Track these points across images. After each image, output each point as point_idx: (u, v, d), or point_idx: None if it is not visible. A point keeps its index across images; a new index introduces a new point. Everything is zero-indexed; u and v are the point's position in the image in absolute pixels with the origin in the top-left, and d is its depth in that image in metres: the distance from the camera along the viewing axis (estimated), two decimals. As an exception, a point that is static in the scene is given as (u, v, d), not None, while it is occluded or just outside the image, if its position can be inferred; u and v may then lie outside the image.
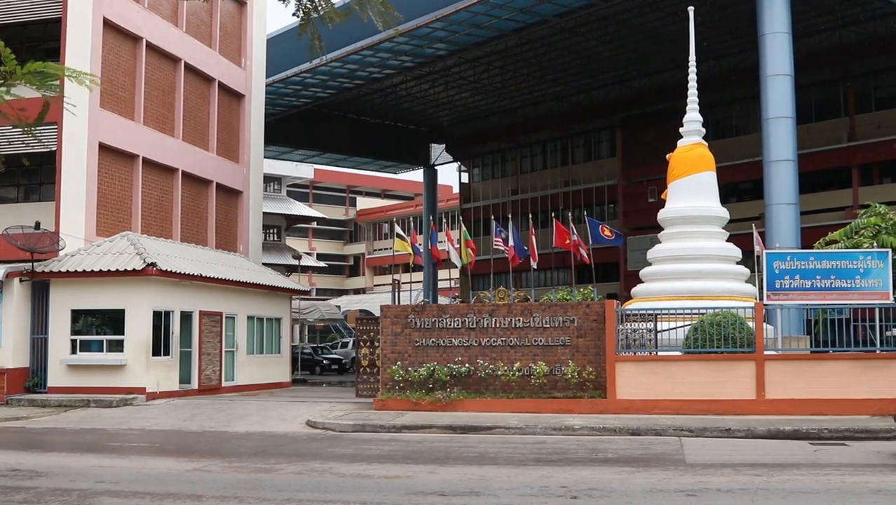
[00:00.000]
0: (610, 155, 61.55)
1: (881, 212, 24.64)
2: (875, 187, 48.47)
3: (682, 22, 33.05)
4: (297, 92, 53.04)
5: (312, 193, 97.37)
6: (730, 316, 23.69)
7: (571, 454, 17.63)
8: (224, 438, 21.16)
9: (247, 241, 40.89)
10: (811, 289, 23.38)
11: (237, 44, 40.95)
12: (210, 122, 38.54)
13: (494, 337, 25.28)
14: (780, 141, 34.13)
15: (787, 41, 34.42)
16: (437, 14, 40.95)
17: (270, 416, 25.35)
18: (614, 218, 58.43)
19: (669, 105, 46.05)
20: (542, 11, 41.10)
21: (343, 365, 51.21)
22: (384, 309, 26.70)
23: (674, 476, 14.75)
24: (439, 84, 55.18)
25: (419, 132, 67.14)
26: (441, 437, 20.87)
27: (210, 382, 32.36)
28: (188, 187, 36.67)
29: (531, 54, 49.46)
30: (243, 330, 34.78)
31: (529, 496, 12.93)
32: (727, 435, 20.24)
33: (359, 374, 29.17)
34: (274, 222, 70.34)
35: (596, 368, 24.31)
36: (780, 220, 33.63)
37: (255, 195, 41.79)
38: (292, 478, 14.83)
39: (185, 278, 30.75)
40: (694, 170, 29.67)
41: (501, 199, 66.30)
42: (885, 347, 23.75)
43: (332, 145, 64.87)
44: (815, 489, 13.34)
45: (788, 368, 23.33)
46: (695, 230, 29.06)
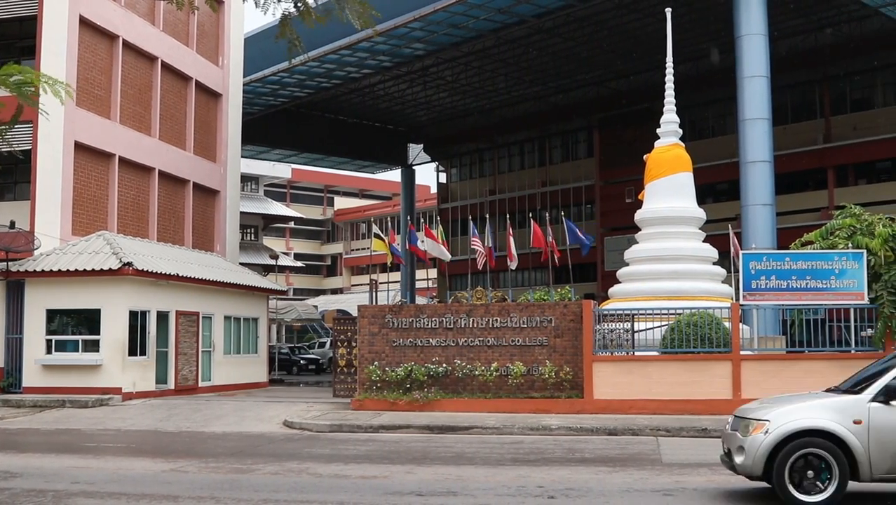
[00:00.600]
0: (587, 155, 61.70)
1: (856, 213, 24.74)
2: (850, 188, 48.80)
3: (659, 23, 33.16)
4: (275, 91, 52.90)
5: (290, 193, 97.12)
6: (706, 316, 23.78)
7: (548, 454, 17.65)
8: (200, 439, 21.07)
9: (224, 241, 40.76)
10: (787, 289, 23.48)
11: (215, 43, 40.81)
12: (187, 122, 38.39)
13: (472, 337, 25.28)
14: (757, 142, 34.30)
15: (763, 43, 34.60)
16: (415, 14, 40.92)
17: (247, 416, 25.27)
18: (591, 218, 58.59)
19: (647, 106, 46.21)
20: (520, 12, 41.15)
21: (320, 365, 51.11)
22: (361, 309, 26.66)
23: (650, 476, 14.79)
24: (417, 84, 55.15)
25: (397, 132, 67.07)
26: (418, 437, 20.86)
27: (186, 383, 32.23)
28: (165, 187, 36.51)
29: (509, 55, 49.50)
30: (220, 330, 34.66)
31: (506, 496, 12.93)
32: (704, 435, 20.30)
33: (336, 374, 29.12)
34: (251, 222, 70.10)
35: (573, 368, 24.35)
36: (757, 221, 33.80)
37: (232, 195, 41.66)
38: (269, 478, 14.78)
39: (162, 278, 30.61)
40: (671, 171, 29.78)
41: (479, 199, 66.34)
42: (860, 347, 23.89)
43: (310, 145, 64.76)
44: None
45: (764, 368, 23.45)
46: (672, 231, 29.16)
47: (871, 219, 24.17)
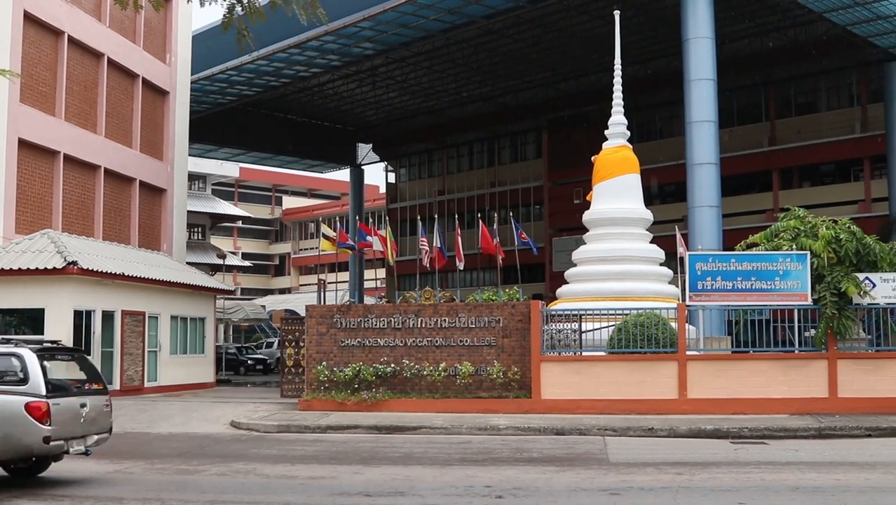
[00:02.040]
0: (536, 156, 61.98)
1: (800, 215, 25.07)
2: (795, 191, 49.52)
3: (608, 25, 33.41)
4: (223, 89, 52.54)
5: (238, 192, 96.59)
6: (653, 317, 23.97)
7: (496, 454, 17.69)
8: (146, 440, 20.88)
9: (170, 240, 40.38)
10: (732, 290, 23.71)
11: (162, 40, 40.42)
12: (134, 119, 37.98)
13: (420, 337, 25.27)
14: (703, 144, 34.66)
15: (710, 46, 34.96)
16: (364, 13, 40.84)
17: (194, 417, 25.07)
18: (540, 219, 58.88)
19: (595, 107, 46.55)
20: (470, 13, 41.21)
21: (268, 365, 50.80)
22: (309, 309, 26.55)
23: (597, 475, 14.88)
24: (367, 84, 55.06)
25: (346, 131, 66.92)
26: (366, 437, 20.82)
27: (132, 383, 31.87)
28: (111, 185, 36.09)
29: (459, 55, 49.57)
30: (166, 330, 34.31)
31: (455, 496, 12.95)
32: (650, 434, 20.48)
33: (283, 374, 28.98)
34: (198, 221, 69.61)
35: (521, 369, 24.42)
36: (703, 223, 34.15)
37: (179, 193, 41.29)
38: (216, 479, 14.69)
39: (107, 277, 30.25)
40: (618, 172, 29.99)
41: (428, 199, 66.38)
42: (803, 348, 24.22)
43: (258, 144, 64.43)
44: (736, 487, 13.56)
45: (710, 369, 23.68)
46: (619, 232, 29.37)
47: (814, 221, 24.52)
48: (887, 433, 20.08)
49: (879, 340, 24.09)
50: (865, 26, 41.62)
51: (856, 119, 48.59)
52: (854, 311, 23.43)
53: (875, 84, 47.93)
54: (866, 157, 47.95)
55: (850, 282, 22.90)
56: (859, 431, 20.14)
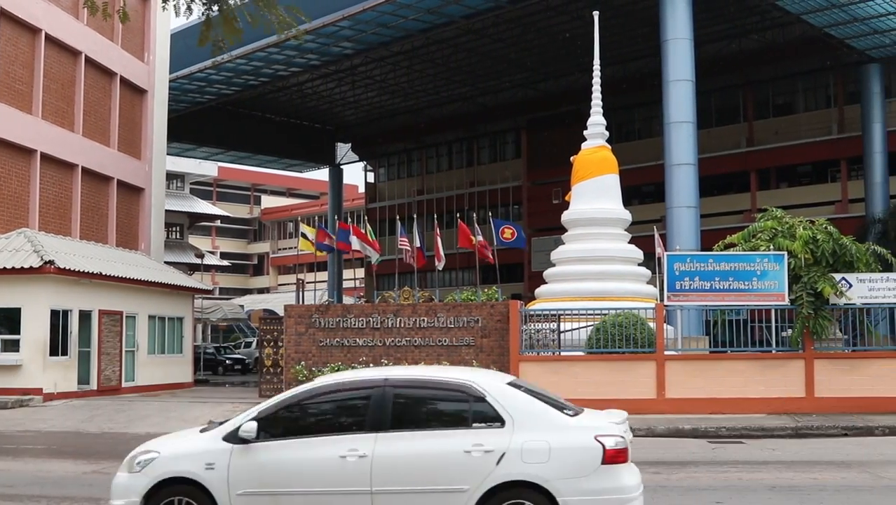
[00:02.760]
0: (515, 156, 62.05)
1: (777, 216, 25.19)
2: (772, 191, 49.78)
3: (587, 26, 33.47)
4: (202, 88, 52.37)
5: (216, 191, 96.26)
6: (631, 317, 24.02)
7: (475, 454, 17.65)
8: (124, 440, 20.74)
9: (148, 240, 40.22)
10: (710, 290, 23.80)
11: (140, 38, 40.24)
12: (111, 118, 37.79)
13: (399, 337, 25.27)
14: (682, 145, 34.80)
15: (688, 47, 35.09)
16: (343, 13, 40.79)
17: (171, 416, 24.95)
18: (519, 219, 58.85)
19: (574, 108, 46.63)
20: (449, 12, 41.23)
21: (246, 365, 50.65)
22: (288, 308, 26.52)
23: (576, 475, 14.86)
24: (346, 83, 54.98)
25: (325, 131, 66.84)
26: (345, 437, 20.73)
27: (110, 383, 31.73)
28: (88, 184, 35.91)
29: (438, 55, 49.58)
30: (144, 329, 34.19)
31: (433, 496, 12.92)
32: (628, 434, 20.50)
33: (262, 374, 28.94)
34: (176, 220, 69.28)
35: (500, 368, 24.40)
36: (681, 223, 34.29)
37: (157, 192, 41.13)
38: (194, 479, 14.60)
39: (85, 277, 30.11)
40: (597, 172, 30.04)
41: (407, 199, 66.33)
42: (780, 348, 24.33)
43: (237, 143, 64.25)
44: (713, 486, 13.61)
45: (688, 368, 23.76)
46: (598, 232, 29.42)
47: (791, 222, 24.65)
48: (863, 432, 20.20)
49: (856, 340, 24.26)
50: (842, 28, 41.89)
51: (833, 120, 48.88)
52: (830, 311, 23.56)
53: (852, 86, 48.22)
54: (843, 159, 48.25)
55: (826, 282, 23.03)
56: (836, 431, 20.26)
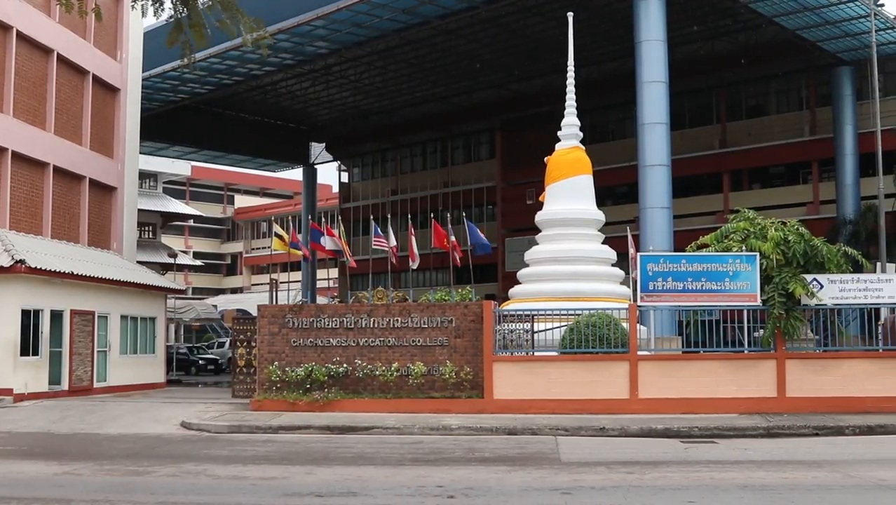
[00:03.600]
0: (489, 157, 62.15)
1: (750, 217, 25.34)
2: (745, 193, 50.11)
3: (562, 27, 33.55)
4: (175, 87, 52.13)
5: (189, 191, 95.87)
6: (604, 317, 24.09)
7: (448, 454, 17.71)
8: (95, 441, 20.66)
9: (121, 239, 39.95)
10: (683, 291, 23.91)
11: (113, 36, 39.97)
12: (84, 116, 37.50)
13: (373, 337, 25.23)
14: (655, 146, 34.95)
15: (662, 49, 35.25)
16: (318, 12, 40.70)
17: (144, 417, 24.85)
18: (493, 220, 59.01)
19: (548, 109, 46.67)
20: (424, 13, 41.21)
21: (219, 365, 50.48)
22: (261, 309, 26.42)
23: (549, 475, 14.93)
24: (320, 82, 54.89)
25: (299, 130, 66.68)
26: (318, 437, 20.75)
27: (81, 383, 31.53)
28: (60, 182, 35.61)
29: (413, 55, 49.56)
30: (116, 329, 34.00)
31: (406, 496, 12.94)
32: (602, 434, 20.59)
33: (235, 374, 28.83)
34: (149, 220, 68.96)
35: (473, 369, 24.46)
36: (654, 224, 34.43)
37: (129, 192, 40.86)
38: (166, 480, 14.56)
39: (56, 276, 29.91)
40: (571, 173, 30.12)
41: (381, 199, 66.29)
42: (752, 348, 24.46)
43: (211, 142, 64.00)
44: (685, 486, 13.67)
45: (661, 369, 23.86)
46: (571, 232, 29.49)
47: (763, 223, 24.81)
48: (834, 432, 20.35)
49: (827, 341, 24.46)
50: (815, 31, 42.22)
51: (804, 122, 49.24)
52: (802, 311, 23.72)
53: (823, 88, 48.58)
54: (815, 160, 48.60)
55: (797, 283, 23.18)
56: (807, 430, 20.39)
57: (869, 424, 20.68)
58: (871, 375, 23.30)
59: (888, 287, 23.96)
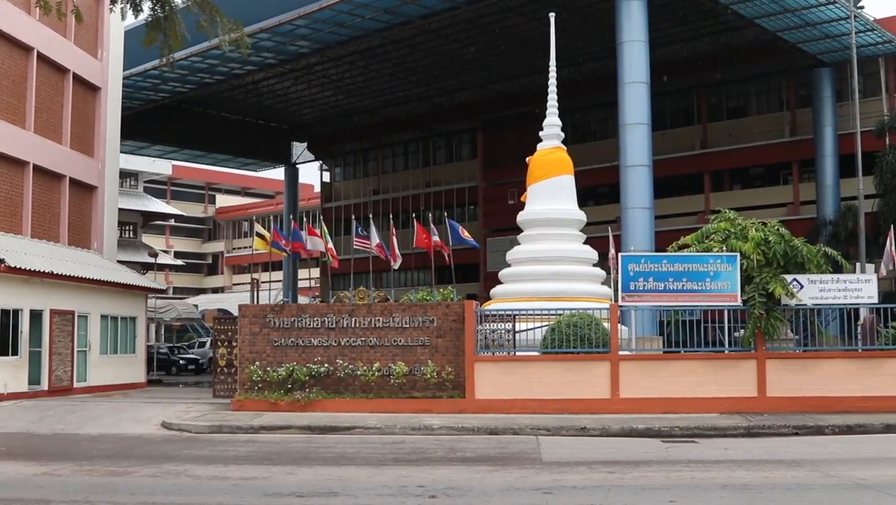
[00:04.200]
0: (471, 157, 62.21)
1: (730, 217, 25.42)
2: (726, 193, 50.33)
3: (543, 27, 33.57)
4: (156, 86, 51.95)
5: (170, 190, 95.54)
6: (586, 317, 24.13)
7: (430, 454, 17.70)
8: (75, 441, 20.56)
9: (101, 238, 39.76)
10: (664, 291, 23.95)
11: (93, 35, 39.77)
12: (64, 115, 37.30)
13: (354, 337, 25.20)
14: (637, 146, 35.07)
15: (644, 50, 35.37)
16: (300, 11, 40.65)
17: (124, 417, 24.74)
18: (475, 219, 59.04)
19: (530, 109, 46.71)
20: (406, 12, 41.21)
21: (200, 365, 50.28)
22: (242, 308, 26.34)
23: (530, 474, 14.95)
24: (302, 82, 54.82)
25: (281, 130, 66.57)
26: (300, 437, 20.71)
27: (61, 383, 31.38)
28: (39, 181, 35.41)
29: (394, 55, 49.55)
30: (96, 329, 33.84)
31: (388, 496, 12.94)
32: (583, 434, 20.62)
33: (216, 374, 28.75)
34: (130, 219, 68.64)
35: (455, 368, 24.46)
36: (636, 224, 34.54)
37: (110, 191, 40.65)
38: (146, 480, 14.51)
39: (35, 276, 29.74)
40: (553, 173, 30.17)
41: (363, 198, 66.28)
42: (733, 348, 24.57)
43: (192, 141, 63.84)
44: (666, 485, 13.71)
45: (642, 368, 23.91)
46: (553, 232, 29.54)
47: (744, 223, 24.88)
48: (814, 432, 20.45)
49: (807, 341, 24.57)
50: (795, 33, 42.45)
51: (785, 123, 49.49)
52: (782, 311, 23.82)
53: (804, 89, 48.86)
54: (795, 161, 48.88)
55: (778, 283, 23.27)
56: (787, 430, 20.48)
57: (848, 424, 20.80)
58: (851, 375, 23.42)
59: (867, 287, 24.09)
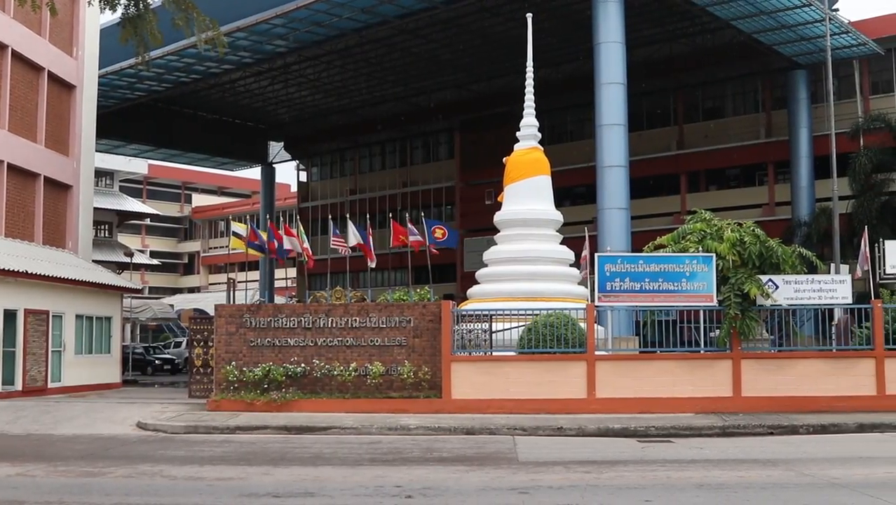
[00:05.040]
0: (448, 157, 62.22)
1: (706, 218, 25.53)
2: (701, 194, 50.53)
3: (521, 28, 33.60)
4: (132, 84, 51.66)
5: (146, 189, 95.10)
6: (562, 317, 24.17)
7: (407, 454, 17.70)
8: (50, 441, 20.44)
9: (76, 238, 39.54)
10: (640, 291, 24.03)
11: (69, 32, 39.54)
12: (38, 113, 37.07)
13: (331, 337, 25.16)
14: (613, 147, 35.16)
15: (620, 51, 35.47)
16: (277, 10, 40.52)
17: (99, 417, 24.60)
18: (452, 219, 59.04)
19: (507, 109, 46.80)
20: (384, 12, 41.16)
21: (176, 365, 50.10)
22: (219, 308, 26.25)
23: (507, 474, 14.97)
24: (279, 81, 54.66)
25: (257, 129, 66.36)
26: (276, 438, 20.66)
27: (35, 384, 31.17)
28: (14, 180, 35.19)
29: (372, 54, 49.50)
30: (71, 329, 33.63)
31: (364, 496, 12.92)
32: (559, 433, 20.67)
33: (192, 374, 28.64)
34: (105, 218, 68.24)
35: (432, 369, 24.46)
36: (612, 224, 34.63)
37: (85, 190, 40.44)
38: (121, 481, 14.44)
39: (10, 275, 29.55)
40: (530, 173, 30.21)
41: (340, 198, 66.18)
42: (708, 348, 24.66)
43: (168, 140, 63.53)
44: (642, 485, 13.76)
45: (618, 368, 23.98)
46: (530, 233, 29.58)
47: (720, 224, 25.00)
48: (788, 431, 20.57)
49: (782, 341, 24.74)
50: (771, 35, 42.67)
51: (761, 125, 49.76)
52: (757, 312, 23.94)
53: (779, 91, 49.13)
54: (770, 162, 49.16)
55: (753, 284, 23.39)
56: (762, 430, 20.59)
57: (822, 423, 20.94)
58: (825, 375, 23.58)
59: (842, 288, 24.25)
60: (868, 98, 46.64)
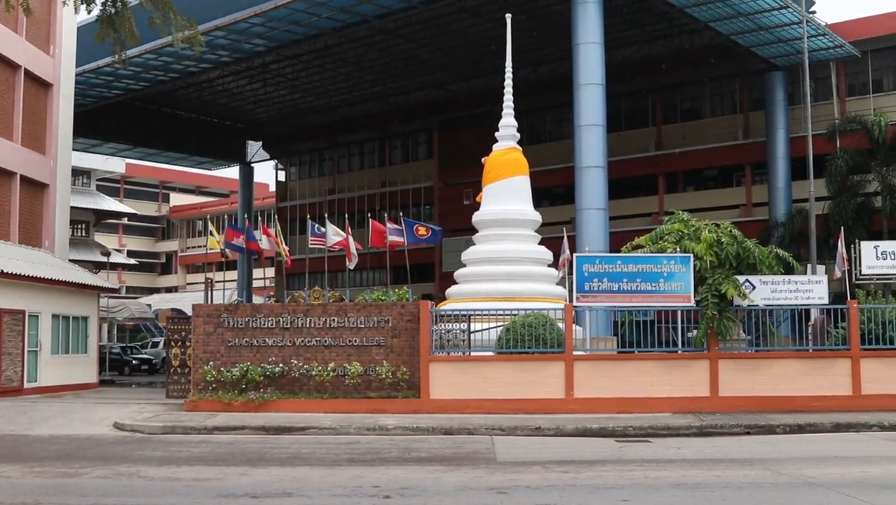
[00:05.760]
0: (427, 157, 62.22)
1: (684, 218, 25.62)
2: (679, 195, 50.71)
3: (500, 28, 33.65)
4: (109, 83, 51.41)
5: (123, 188, 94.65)
6: (541, 317, 24.22)
7: (385, 454, 17.69)
8: (25, 442, 20.31)
9: (52, 237, 39.32)
10: (618, 291, 24.09)
11: (45, 30, 39.32)
12: (15, 112, 36.84)
13: (309, 337, 25.11)
14: (591, 148, 35.23)
15: (599, 52, 35.56)
16: (255, 9, 40.41)
17: (75, 418, 24.46)
18: (430, 219, 58.95)
19: (486, 109, 46.80)
20: (363, 11, 41.12)
21: (153, 365, 49.90)
22: (196, 308, 26.16)
23: (485, 474, 14.98)
24: (257, 80, 54.52)
25: (236, 128, 66.17)
26: (254, 438, 20.61)
27: (11, 384, 30.98)
28: (-10, 179, 35.00)
29: (351, 54, 49.43)
30: (48, 329, 33.43)
31: (342, 496, 12.91)
32: (537, 433, 20.70)
33: (169, 374, 28.53)
34: (82, 217, 67.88)
35: (410, 369, 24.45)
36: (591, 225, 34.70)
37: (62, 189, 40.22)
38: (98, 482, 14.37)
39: (-15, 274, 29.37)
40: (508, 174, 30.26)
41: (318, 198, 66.05)
42: (686, 348, 24.76)
43: (146, 139, 63.25)
44: (620, 484, 13.80)
45: (596, 368, 24.04)
46: (508, 233, 29.63)
47: (697, 225, 25.10)
48: (765, 431, 20.68)
49: (758, 341, 24.85)
50: (748, 36, 42.87)
51: (738, 126, 49.98)
52: (734, 312, 24.06)
53: (757, 93, 49.35)
54: (748, 164, 49.39)
55: (730, 284, 23.50)
56: (739, 429, 20.69)
57: (799, 423, 21.06)
58: (802, 375, 23.71)
59: (818, 288, 24.39)
60: (844, 100, 46.92)
